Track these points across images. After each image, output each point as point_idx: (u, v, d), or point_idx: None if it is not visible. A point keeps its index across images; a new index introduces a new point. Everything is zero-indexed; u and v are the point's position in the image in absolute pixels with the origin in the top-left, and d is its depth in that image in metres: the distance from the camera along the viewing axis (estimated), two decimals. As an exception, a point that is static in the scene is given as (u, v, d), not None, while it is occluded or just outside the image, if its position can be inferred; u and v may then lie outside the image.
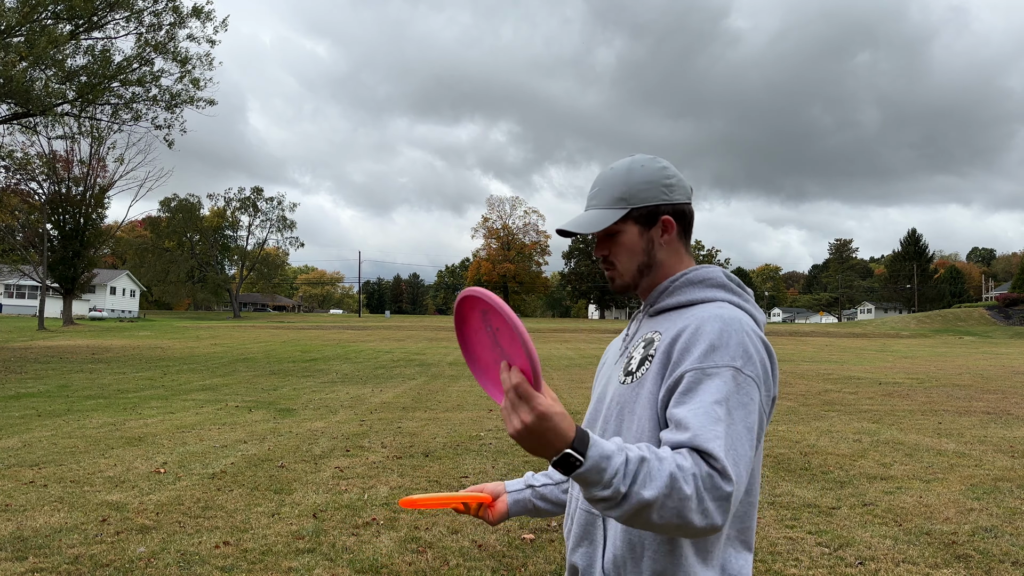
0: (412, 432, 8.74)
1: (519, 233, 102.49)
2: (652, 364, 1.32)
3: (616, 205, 1.42)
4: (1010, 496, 5.76)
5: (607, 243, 1.45)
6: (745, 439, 1.18)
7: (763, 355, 1.28)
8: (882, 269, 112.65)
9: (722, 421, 1.17)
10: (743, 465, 1.16)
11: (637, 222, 1.42)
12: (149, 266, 74.03)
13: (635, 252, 1.43)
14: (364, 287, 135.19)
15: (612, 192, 1.43)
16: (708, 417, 1.17)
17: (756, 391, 1.23)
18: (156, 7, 24.25)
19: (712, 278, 1.42)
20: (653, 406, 1.29)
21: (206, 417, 9.98)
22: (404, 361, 21.84)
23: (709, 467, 1.13)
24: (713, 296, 1.38)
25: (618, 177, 1.44)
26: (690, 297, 1.39)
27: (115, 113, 25.98)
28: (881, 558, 4.30)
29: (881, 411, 10.97)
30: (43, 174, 43.36)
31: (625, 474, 1.09)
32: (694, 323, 1.29)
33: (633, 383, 1.35)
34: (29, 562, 4.12)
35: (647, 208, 1.42)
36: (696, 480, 1.11)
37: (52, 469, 6.54)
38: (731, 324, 1.27)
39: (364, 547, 4.45)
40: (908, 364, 22.44)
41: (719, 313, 1.30)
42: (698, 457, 1.14)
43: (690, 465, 1.12)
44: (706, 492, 1.10)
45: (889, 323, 63.97)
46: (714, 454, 1.13)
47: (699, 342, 1.25)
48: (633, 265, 1.44)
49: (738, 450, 1.16)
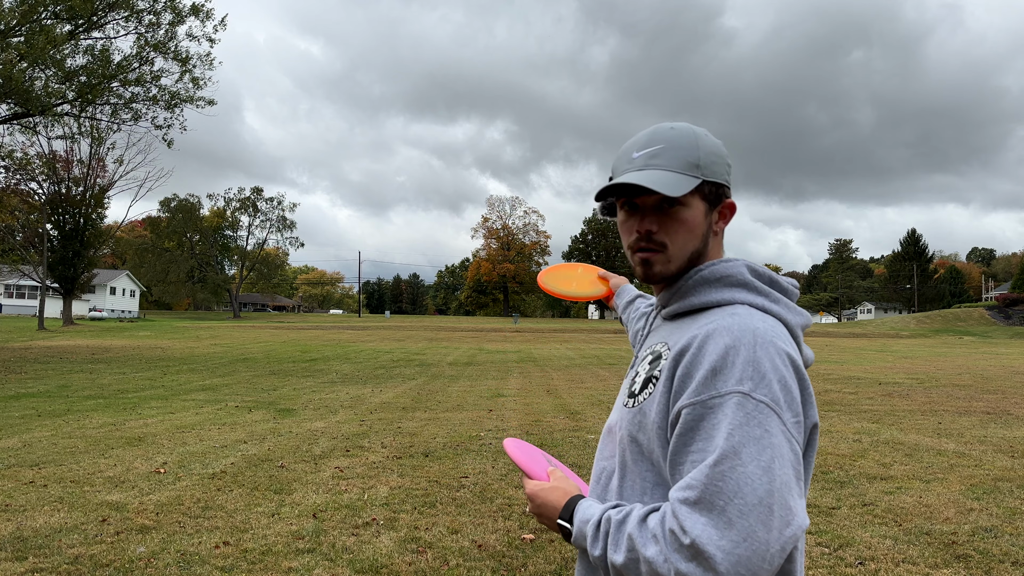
0: (412, 432, 8.74)
1: (519, 233, 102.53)
2: (657, 388, 1.11)
3: (689, 171, 1.15)
4: (1010, 496, 5.76)
5: (657, 216, 1.16)
6: (760, 480, 0.95)
7: (784, 372, 1.03)
8: (882, 269, 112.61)
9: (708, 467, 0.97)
10: (755, 515, 0.94)
11: (705, 199, 1.18)
12: (149, 266, 74.03)
13: (695, 234, 1.17)
14: (364, 287, 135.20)
15: (683, 155, 1.15)
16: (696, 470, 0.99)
17: (773, 418, 0.99)
18: (155, 6, 24.26)
19: (731, 275, 1.16)
20: (663, 442, 1.09)
21: (206, 417, 9.98)
22: (404, 361, 21.84)
23: (673, 521, 0.98)
24: (731, 298, 1.14)
25: (687, 139, 1.17)
26: (704, 299, 1.16)
27: (115, 113, 25.98)
28: (881, 558, 4.30)
29: (881, 411, 10.96)
30: (43, 174, 43.36)
31: (597, 538, 1.08)
32: (699, 338, 1.07)
33: (635, 409, 1.14)
34: (29, 562, 4.12)
35: (716, 185, 1.18)
36: (659, 540, 0.99)
37: (52, 469, 6.54)
38: (741, 338, 1.04)
39: (364, 547, 4.45)
40: (908, 364, 22.44)
41: (728, 324, 1.07)
42: (669, 512, 1.00)
43: (654, 524, 1.01)
44: (673, 552, 0.96)
45: (889, 323, 63.97)
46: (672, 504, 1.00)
47: (700, 365, 1.04)
48: (688, 249, 1.18)
49: (744, 496, 0.95)
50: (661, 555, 0.97)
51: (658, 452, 1.10)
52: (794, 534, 0.96)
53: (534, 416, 10.22)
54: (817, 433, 1.09)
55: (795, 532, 0.96)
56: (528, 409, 11.02)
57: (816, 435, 1.08)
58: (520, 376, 17.24)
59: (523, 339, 38.79)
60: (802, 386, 1.06)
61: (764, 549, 0.93)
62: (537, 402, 11.97)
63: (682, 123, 1.20)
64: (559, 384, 15.34)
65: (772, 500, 0.95)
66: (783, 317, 1.14)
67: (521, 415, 10.36)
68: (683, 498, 0.98)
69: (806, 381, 1.07)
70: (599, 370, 19.41)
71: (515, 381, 15.92)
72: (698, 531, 0.94)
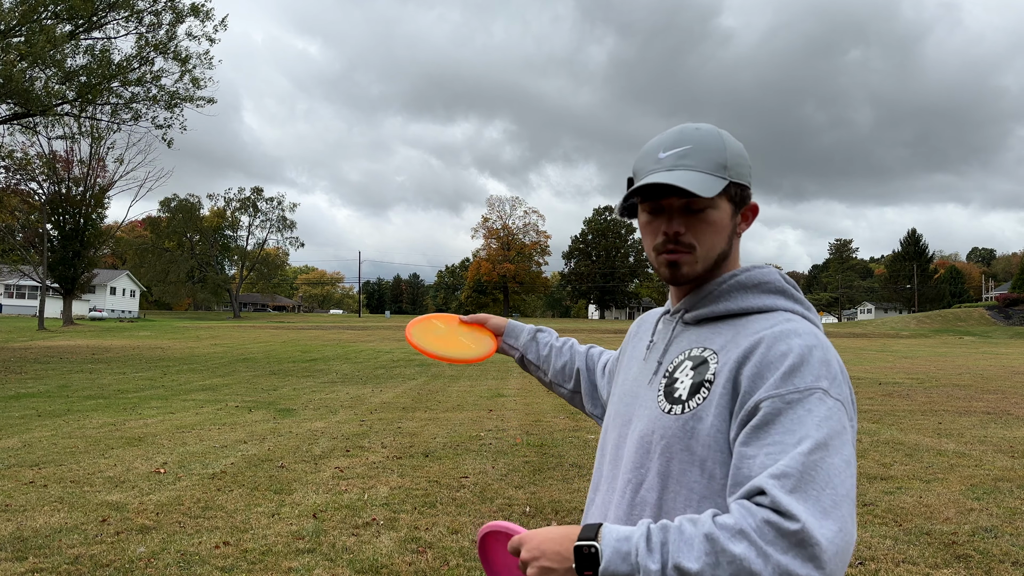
0: (412, 432, 8.74)
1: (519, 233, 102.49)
2: (713, 392, 1.08)
3: (718, 172, 1.15)
4: (1010, 496, 5.76)
5: (684, 218, 1.16)
6: (845, 473, 0.95)
7: (847, 376, 1.07)
8: (882, 269, 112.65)
9: (802, 455, 0.94)
10: (846, 506, 0.93)
11: (731, 201, 1.18)
12: (149, 266, 74.03)
13: (721, 236, 1.17)
14: (364, 287, 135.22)
15: (712, 156, 1.15)
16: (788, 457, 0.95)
17: (846, 417, 1.01)
18: (156, 7, 24.27)
19: (770, 281, 1.18)
20: (723, 447, 1.05)
21: (206, 417, 9.98)
22: (404, 361, 21.84)
23: (763, 511, 0.92)
24: (773, 304, 1.16)
25: (714, 140, 1.17)
26: (743, 304, 1.16)
27: (115, 113, 26.00)
28: (881, 558, 4.30)
29: (881, 411, 10.96)
30: (43, 174, 43.35)
31: (650, 547, 0.93)
32: (766, 340, 1.07)
33: (686, 415, 1.10)
34: (29, 562, 4.12)
35: (743, 187, 1.19)
36: (748, 534, 0.91)
37: (52, 469, 6.54)
38: (809, 339, 1.06)
39: (364, 547, 4.45)
40: (908, 364, 22.44)
41: (793, 328, 1.08)
42: (748, 505, 0.94)
43: (735, 520, 0.93)
44: (767, 544, 0.89)
45: (889, 323, 63.98)
46: (766, 491, 0.93)
47: (775, 363, 1.03)
48: (715, 251, 1.17)
49: (835, 487, 0.93)
50: (753, 549, 0.89)
51: (713, 459, 1.06)
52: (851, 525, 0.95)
53: (534, 416, 10.22)
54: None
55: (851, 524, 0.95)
56: (528, 409, 11.02)
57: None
58: (520, 376, 17.24)
59: (523, 339, 38.75)
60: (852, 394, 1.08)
61: (850, 542, 0.92)
62: (537, 402, 11.97)
63: (706, 124, 1.20)
64: (559, 384, 15.32)
65: (854, 494, 0.96)
66: (817, 324, 1.15)
67: (521, 415, 10.36)
68: (780, 484, 0.93)
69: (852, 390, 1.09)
70: (599, 370, 19.38)
71: (515, 381, 15.92)
72: (805, 516, 0.90)
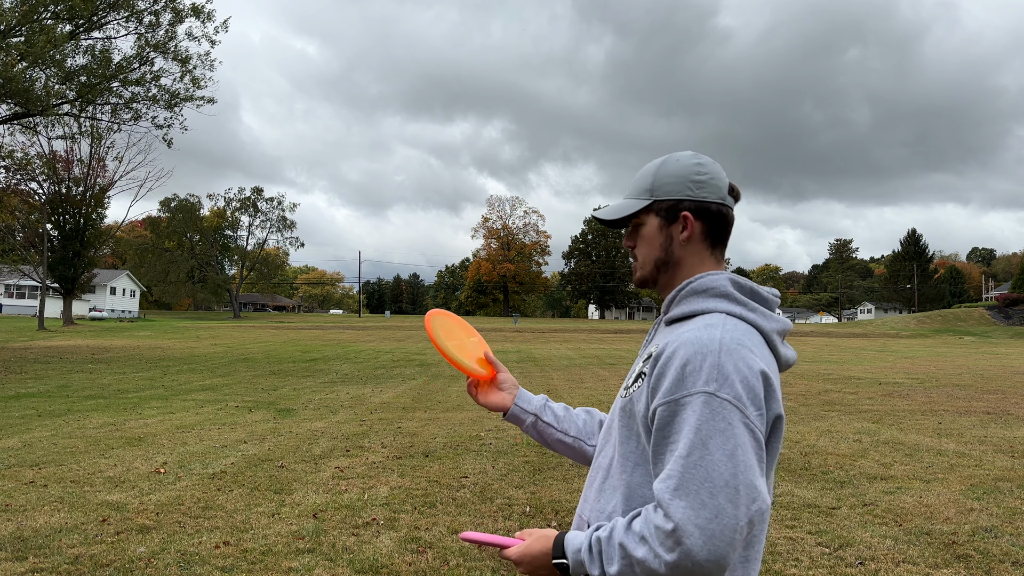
0: (412, 432, 8.74)
1: (519, 233, 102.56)
2: (644, 384, 1.28)
3: (641, 196, 1.42)
4: (1010, 496, 5.76)
5: (633, 235, 1.45)
6: (725, 466, 1.11)
7: (746, 372, 1.18)
8: (882, 269, 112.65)
9: (681, 458, 1.13)
10: (723, 495, 1.10)
11: (659, 215, 1.41)
12: (149, 266, 74.01)
13: (653, 245, 1.42)
14: (364, 287, 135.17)
15: (641, 183, 1.43)
16: (672, 462, 1.14)
17: (736, 413, 1.15)
18: (156, 7, 24.26)
19: (715, 287, 1.33)
20: (647, 429, 1.26)
21: (206, 417, 9.98)
22: (404, 361, 21.84)
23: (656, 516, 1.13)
24: (712, 307, 1.30)
25: (650, 169, 1.44)
26: (691, 308, 1.33)
27: (115, 113, 25.98)
28: (881, 558, 4.30)
29: (881, 411, 10.96)
30: (43, 174, 43.33)
31: (591, 558, 1.17)
32: (673, 345, 1.24)
33: (627, 398, 1.33)
34: (29, 562, 4.12)
35: (669, 202, 1.40)
36: (646, 538, 1.12)
37: (52, 469, 6.54)
38: (708, 344, 1.20)
39: (364, 547, 4.45)
40: (908, 364, 22.44)
41: (697, 335, 1.22)
42: (649, 510, 1.15)
43: (640, 526, 1.15)
44: (659, 546, 1.10)
45: (889, 323, 63.97)
46: (657, 496, 1.13)
47: (670, 370, 1.20)
48: (651, 259, 1.42)
49: (713, 481, 1.10)
50: (651, 552, 1.11)
51: (643, 435, 1.27)
52: (759, 508, 1.12)
53: (534, 416, 10.22)
54: (782, 423, 1.26)
55: (760, 507, 1.12)
56: (528, 409, 11.01)
57: (781, 424, 1.26)
58: (520, 376, 17.24)
59: (523, 339, 38.79)
60: (765, 383, 1.21)
61: (734, 523, 1.09)
62: (537, 402, 11.96)
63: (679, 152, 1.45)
64: (559, 384, 15.35)
65: (737, 481, 1.11)
66: (758, 324, 1.30)
67: (521, 415, 10.36)
68: (665, 488, 1.13)
69: (770, 379, 1.22)
70: (599, 370, 19.41)
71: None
72: (679, 514, 1.09)
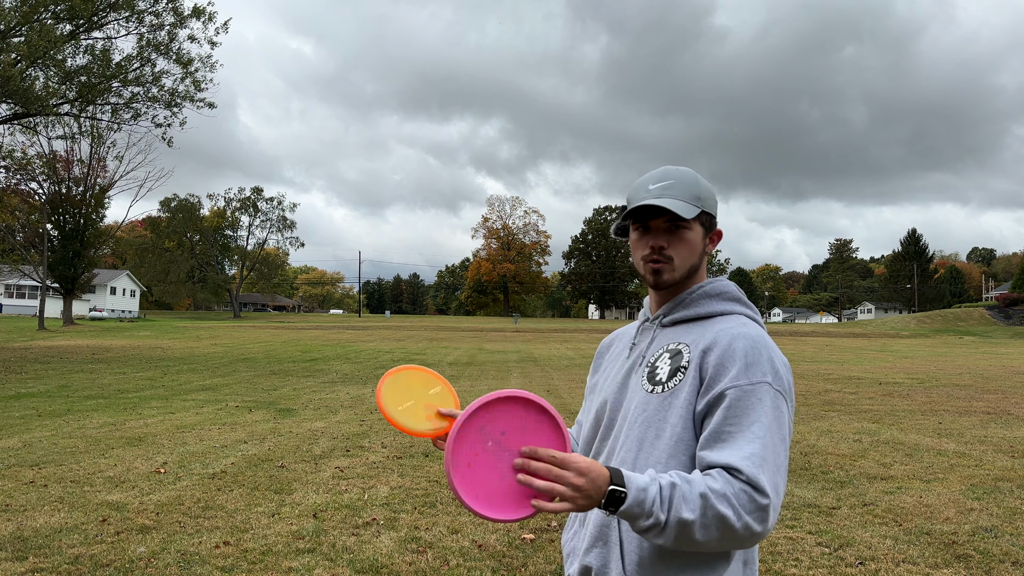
0: (412, 432, 8.73)
1: (519, 233, 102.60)
2: (687, 376, 1.38)
3: (694, 202, 1.47)
4: (1010, 496, 5.76)
5: (667, 236, 1.48)
6: (781, 449, 1.30)
7: (787, 368, 1.39)
8: (882, 269, 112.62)
9: (759, 439, 1.27)
10: (782, 475, 1.28)
11: (703, 225, 1.50)
12: (149, 266, 73.98)
13: (694, 252, 1.49)
14: (364, 287, 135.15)
15: (689, 189, 1.48)
16: (745, 437, 1.28)
17: (785, 403, 1.34)
18: (156, 7, 24.26)
19: (728, 291, 1.51)
20: (689, 418, 1.36)
21: (206, 417, 9.98)
22: (404, 361, 21.84)
23: (741, 483, 1.24)
24: (731, 309, 1.48)
25: (691, 178, 1.50)
26: (708, 309, 1.48)
27: (115, 113, 25.98)
28: (881, 558, 4.30)
29: (881, 411, 10.96)
30: (43, 174, 43.35)
31: (662, 500, 1.22)
32: (724, 339, 1.38)
33: (665, 393, 1.40)
34: (29, 562, 4.12)
35: (711, 216, 1.51)
36: (729, 499, 1.22)
37: (52, 469, 6.54)
38: (758, 341, 1.37)
39: (364, 547, 4.45)
40: (908, 364, 22.44)
41: (745, 331, 1.39)
42: (728, 476, 1.25)
43: (720, 486, 1.24)
44: (742, 507, 1.22)
45: (889, 323, 63.96)
46: (743, 470, 1.24)
47: (734, 360, 1.34)
48: (688, 264, 1.49)
49: (777, 461, 1.28)
50: (735, 514, 1.21)
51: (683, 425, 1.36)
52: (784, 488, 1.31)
53: (534, 416, 10.21)
54: None
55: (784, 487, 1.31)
56: (528, 409, 11.01)
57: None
58: (520, 376, 17.25)
59: (523, 339, 38.80)
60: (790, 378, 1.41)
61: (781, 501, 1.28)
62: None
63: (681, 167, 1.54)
64: (559, 384, 15.35)
65: (787, 464, 1.31)
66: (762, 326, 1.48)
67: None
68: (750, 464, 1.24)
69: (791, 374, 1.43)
70: (599, 370, 19.38)
71: (515, 381, 15.92)
72: (772, 493, 1.24)
